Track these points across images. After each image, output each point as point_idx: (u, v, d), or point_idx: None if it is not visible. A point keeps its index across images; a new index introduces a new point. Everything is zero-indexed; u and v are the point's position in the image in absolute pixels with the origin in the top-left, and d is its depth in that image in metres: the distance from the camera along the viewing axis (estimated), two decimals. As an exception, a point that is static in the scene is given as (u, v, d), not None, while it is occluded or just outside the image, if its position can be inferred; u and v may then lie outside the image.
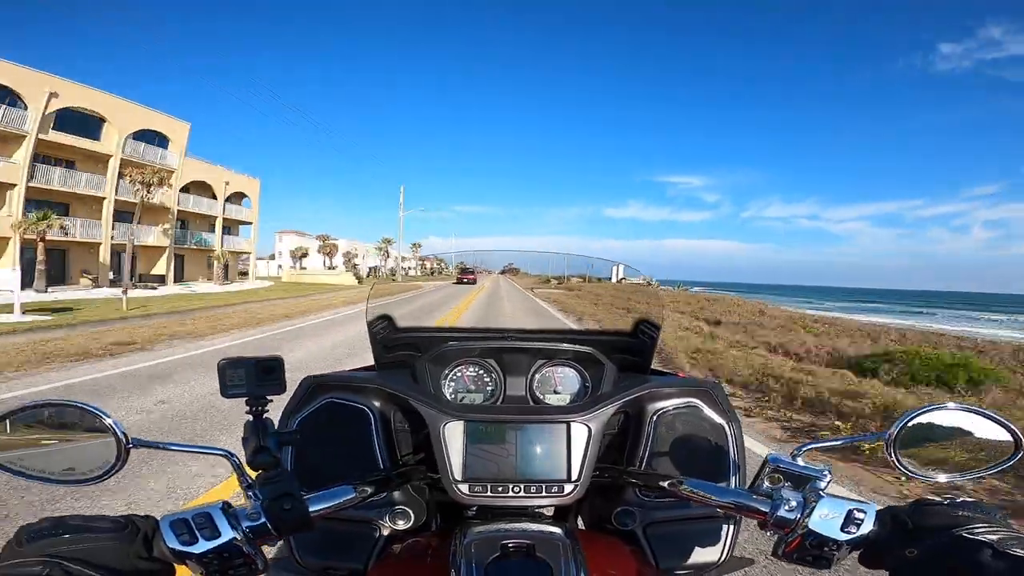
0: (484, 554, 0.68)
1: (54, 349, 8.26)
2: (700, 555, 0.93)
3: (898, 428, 0.70)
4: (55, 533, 0.55)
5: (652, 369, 1.14)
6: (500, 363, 1.09)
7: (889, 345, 11.19)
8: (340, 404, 0.97)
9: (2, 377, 6.43)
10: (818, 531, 0.63)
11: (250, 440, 0.68)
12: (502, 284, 2.58)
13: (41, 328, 10.78)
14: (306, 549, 0.92)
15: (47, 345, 8.63)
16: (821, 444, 0.76)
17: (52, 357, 7.61)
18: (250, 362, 0.71)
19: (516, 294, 2.43)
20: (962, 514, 0.59)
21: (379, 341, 1.12)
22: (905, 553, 0.59)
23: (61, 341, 9.13)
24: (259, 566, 0.63)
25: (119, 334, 10.24)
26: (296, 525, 0.67)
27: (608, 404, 0.89)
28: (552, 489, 0.82)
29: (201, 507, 0.62)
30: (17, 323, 11.11)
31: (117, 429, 0.64)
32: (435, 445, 0.84)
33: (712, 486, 0.77)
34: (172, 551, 0.58)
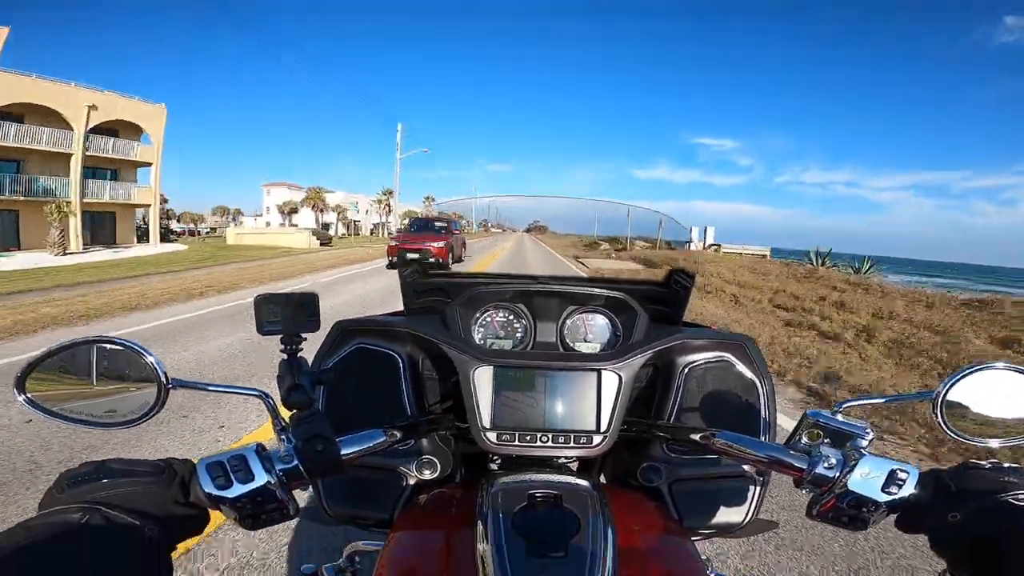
0: (511, 503, 0.68)
1: None
2: (725, 515, 0.93)
3: (945, 388, 0.67)
4: (94, 478, 0.55)
5: (684, 322, 1.12)
6: (530, 308, 1.08)
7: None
8: (370, 349, 0.97)
9: None
10: (857, 491, 0.61)
11: (285, 378, 0.68)
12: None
13: None
14: (334, 498, 0.93)
15: None
16: (864, 401, 0.73)
17: None
18: (285, 298, 0.70)
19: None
20: (1008, 479, 0.56)
21: (409, 286, 1.11)
22: (947, 517, 0.57)
23: None
24: (290, 511, 0.63)
25: None
26: (327, 467, 0.67)
27: (639, 352, 0.87)
28: (580, 440, 0.81)
29: (236, 450, 0.62)
30: None
31: (158, 369, 0.63)
32: (464, 391, 0.84)
33: (748, 439, 0.75)
34: (208, 495, 0.59)
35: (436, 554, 0.73)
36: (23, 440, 3.37)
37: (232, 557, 2.23)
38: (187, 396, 3.97)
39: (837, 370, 5.33)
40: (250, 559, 2.23)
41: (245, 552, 2.27)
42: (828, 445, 0.67)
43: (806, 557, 2.35)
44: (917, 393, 0.70)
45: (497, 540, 0.63)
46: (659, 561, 0.72)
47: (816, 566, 2.30)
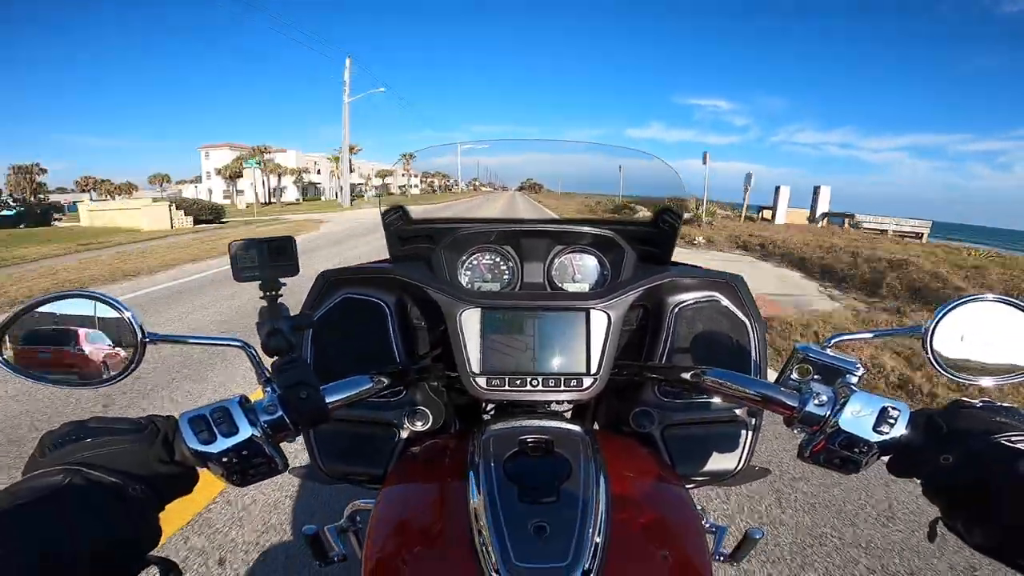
0: (502, 450, 0.68)
1: None
2: (717, 462, 0.93)
3: (934, 322, 0.66)
4: (76, 438, 0.54)
5: (672, 262, 1.10)
6: (517, 249, 1.06)
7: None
8: (356, 299, 0.96)
9: None
10: (848, 430, 0.60)
11: (264, 324, 0.67)
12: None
13: None
14: (328, 455, 0.93)
15: None
16: (854, 336, 0.72)
17: None
18: (260, 242, 0.68)
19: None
20: (1000, 420, 0.55)
21: (393, 233, 1.09)
22: (939, 459, 0.55)
23: None
24: (278, 465, 0.63)
25: None
26: (313, 416, 0.66)
27: (628, 291, 0.86)
28: (571, 383, 0.81)
29: (218, 402, 0.61)
30: None
31: (135, 323, 0.62)
32: (452, 335, 0.83)
33: (738, 376, 0.74)
34: (193, 452, 0.58)
35: (429, 506, 0.73)
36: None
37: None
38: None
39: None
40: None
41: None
42: (818, 381, 0.66)
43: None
44: (907, 328, 0.69)
45: (489, 488, 0.63)
46: (653, 506, 0.72)
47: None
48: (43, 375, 0.64)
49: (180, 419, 0.59)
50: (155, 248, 13.07)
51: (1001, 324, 0.67)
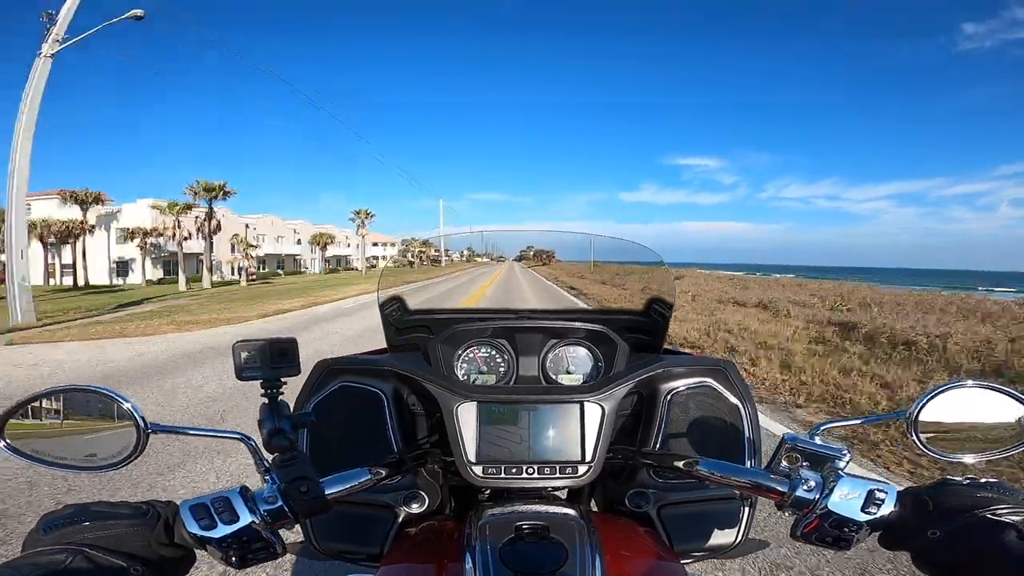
0: (498, 536, 0.68)
1: None
2: (716, 537, 0.93)
3: (917, 407, 0.68)
4: (77, 520, 0.56)
5: (665, 349, 1.13)
6: (512, 343, 1.09)
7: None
8: (353, 387, 0.98)
9: None
10: (837, 512, 0.62)
11: (266, 423, 0.69)
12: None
13: None
14: (323, 534, 0.93)
15: None
16: (840, 423, 0.74)
17: None
18: (265, 344, 0.71)
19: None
20: (984, 495, 0.57)
21: (391, 323, 1.12)
22: (927, 534, 0.58)
23: None
24: (277, 550, 0.64)
25: None
26: (313, 508, 0.67)
27: (621, 383, 0.88)
28: (566, 470, 0.82)
29: (220, 492, 0.63)
30: None
31: (136, 414, 0.64)
32: (448, 427, 0.85)
33: (728, 465, 0.76)
34: (192, 536, 0.59)
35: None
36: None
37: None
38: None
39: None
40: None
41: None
42: (807, 468, 0.68)
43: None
44: (892, 413, 0.72)
45: (485, 573, 0.63)
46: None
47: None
48: (46, 459, 0.66)
49: (181, 506, 0.61)
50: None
51: (979, 406, 0.69)
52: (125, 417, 0.65)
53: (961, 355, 6.90)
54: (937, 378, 5.78)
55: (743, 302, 14.68)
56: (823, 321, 10.28)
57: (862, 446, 3.92)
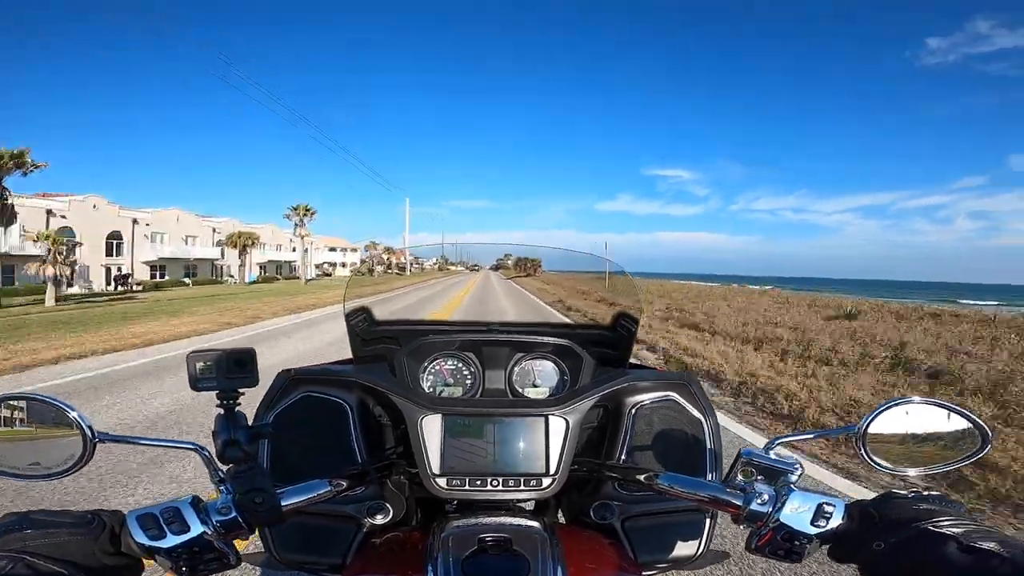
0: (461, 548, 0.68)
1: None
2: (678, 549, 0.94)
3: (866, 422, 0.71)
4: (18, 528, 0.55)
5: (630, 363, 1.15)
6: (479, 356, 1.09)
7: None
8: (317, 398, 0.97)
9: None
10: (789, 524, 0.64)
11: (220, 434, 0.68)
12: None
13: None
14: (284, 544, 0.92)
15: None
16: (793, 437, 0.77)
17: None
18: (221, 355, 0.70)
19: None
20: (927, 507, 0.59)
21: (357, 334, 1.12)
22: (873, 547, 0.59)
23: None
24: (231, 560, 0.63)
25: None
26: (268, 518, 0.66)
27: (586, 397, 0.89)
28: (530, 483, 0.82)
29: (170, 501, 0.62)
30: None
31: (83, 423, 0.63)
32: (412, 439, 0.84)
33: (687, 479, 0.77)
34: (140, 545, 0.58)
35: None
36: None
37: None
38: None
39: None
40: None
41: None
42: (762, 481, 0.70)
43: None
44: (843, 427, 0.74)
45: None
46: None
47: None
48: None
49: (128, 516, 0.60)
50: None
51: (926, 422, 0.72)
52: (71, 426, 0.64)
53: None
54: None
55: (762, 339, 8.82)
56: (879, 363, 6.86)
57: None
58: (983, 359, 6.83)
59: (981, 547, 0.52)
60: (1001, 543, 0.52)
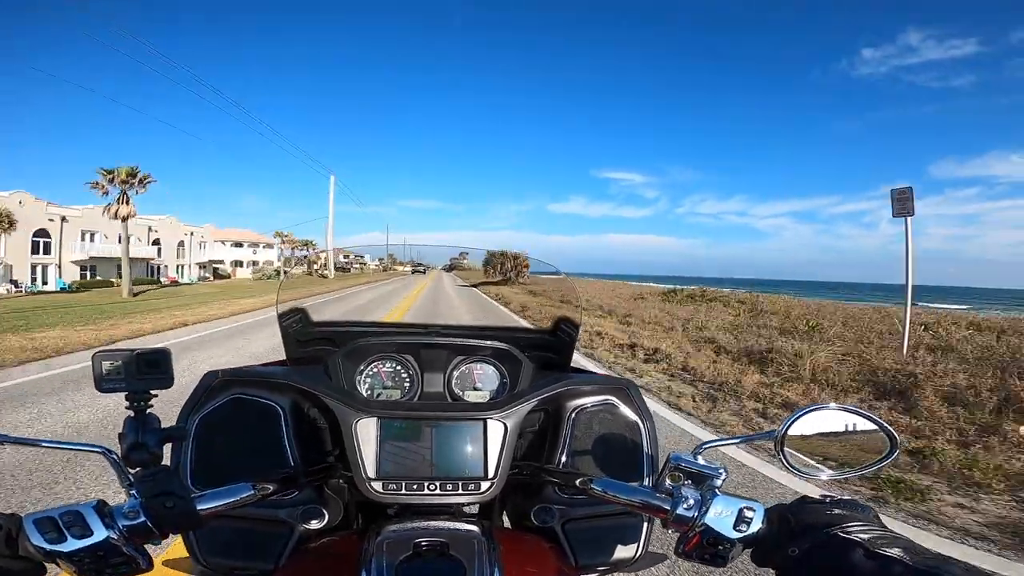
0: (395, 553, 0.68)
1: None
2: (617, 551, 0.96)
3: (785, 427, 0.74)
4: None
5: (572, 367, 1.16)
6: (418, 359, 1.08)
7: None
8: (248, 400, 0.94)
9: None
10: (714, 529, 0.65)
11: (127, 436, 0.65)
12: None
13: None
14: (210, 549, 0.88)
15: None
16: (719, 443, 0.79)
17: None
18: (131, 355, 0.68)
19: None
20: (839, 512, 0.62)
21: (291, 335, 1.09)
22: (788, 552, 0.61)
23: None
24: (141, 564, 0.61)
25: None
26: (181, 523, 0.64)
27: (524, 401, 0.89)
28: (469, 487, 0.82)
29: (71, 505, 0.59)
30: None
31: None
32: (347, 442, 0.83)
33: (619, 484, 0.79)
34: (39, 549, 0.56)
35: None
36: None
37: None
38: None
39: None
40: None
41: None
42: (689, 486, 0.71)
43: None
44: (765, 432, 0.77)
45: None
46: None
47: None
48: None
49: (24, 519, 0.57)
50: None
51: (839, 427, 0.76)
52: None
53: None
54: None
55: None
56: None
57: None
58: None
59: (886, 553, 0.54)
60: (905, 550, 0.54)
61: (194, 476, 0.88)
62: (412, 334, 1.11)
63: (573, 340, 1.12)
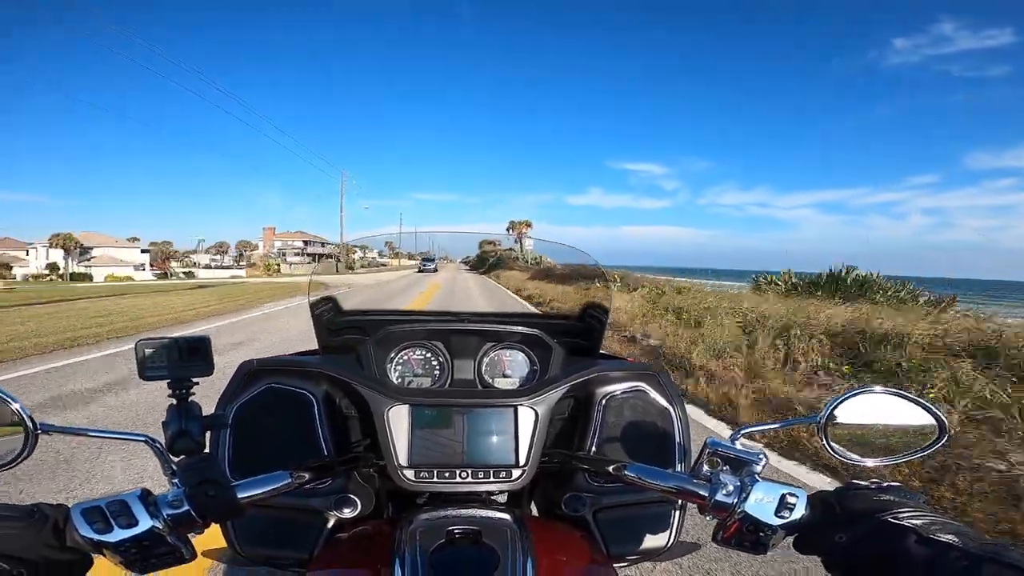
0: (429, 541, 0.68)
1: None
2: (649, 540, 0.95)
3: (828, 411, 0.71)
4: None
5: (601, 353, 1.15)
6: (448, 346, 1.08)
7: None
8: (282, 389, 0.94)
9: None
10: (753, 515, 0.64)
11: (171, 424, 0.66)
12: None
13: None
14: (247, 538, 0.90)
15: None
16: (758, 427, 0.78)
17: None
18: (171, 342, 0.68)
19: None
20: (887, 498, 0.60)
21: (323, 324, 1.10)
22: (835, 539, 0.60)
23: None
24: (184, 554, 0.62)
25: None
26: (223, 512, 0.65)
27: (555, 388, 0.89)
28: (500, 474, 0.82)
29: (117, 494, 0.60)
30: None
31: (24, 414, 0.60)
32: (379, 430, 0.83)
33: (655, 471, 0.77)
34: (86, 539, 0.56)
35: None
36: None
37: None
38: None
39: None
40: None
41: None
42: (727, 472, 0.70)
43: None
44: (806, 417, 0.75)
45: None
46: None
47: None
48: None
49: (72, 509, 0.58)
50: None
51: (886, 412, 0.73)
52: (12, 418, 0.61)
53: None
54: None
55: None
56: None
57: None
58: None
59: (939, 539, 0.53)
60: (958, 534, 0.53)
61: (231, 465, 0.90)
62: (442, 321, 1.11)
63: (603, 326, 1.10)
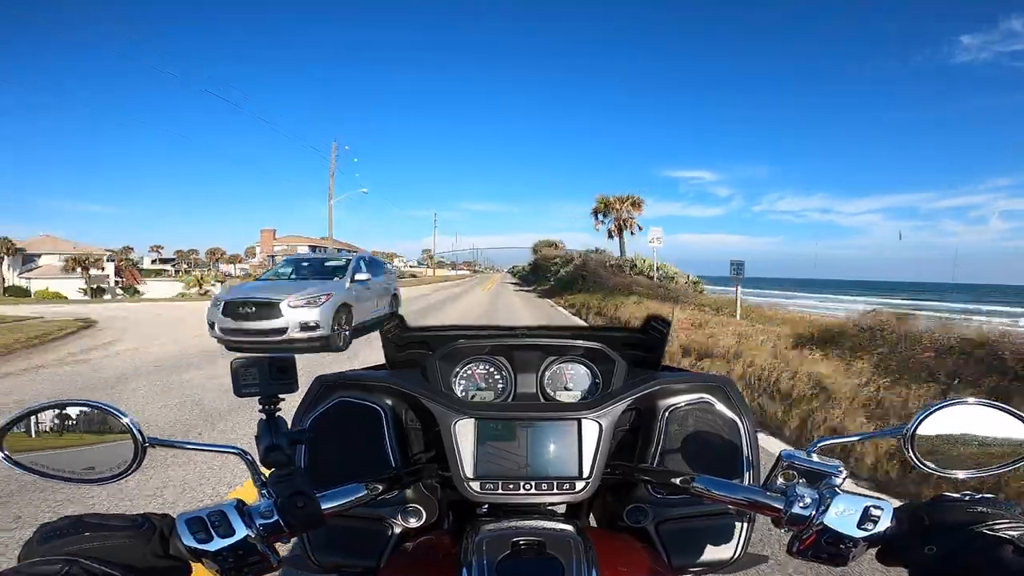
0: (495, 552, 0.68)
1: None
2: (713, 553, 0.93)
3: (915, 423, 0.69)
4: (74, 531, 0.56)
5: (663, 365, 1.14)
6: (510, 360, 1.10)
7: None
8: (352, 403, 0.98)
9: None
10: (834, 528, 0.63)
11: (263, 438, 0.70)
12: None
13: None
14: (320, 548, 0.93)
15: None
16: (837, 440, 0.75)
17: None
18: (264, 362, 0.72)
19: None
20: (981, 510, 0.58)
21: (390, 340, 1.14)
22: (924, 551, 0.58)
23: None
24: (272, 563, 0.65)
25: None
26: (309, 523, 0.68)
27: (619, 400, 0.89)
28: (563, 486, 0.82)
29: (216, 505, 0.63)
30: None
31: (134, 428, 0.65)
32: (446, 443, 0.85)
33: (725, 483, 0.76)
34: (188, 549, 0.60)
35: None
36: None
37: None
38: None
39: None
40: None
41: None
42: (803, 484, 0.68)
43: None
44: (889, 429, 0.72)
45: None
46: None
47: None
48: (45, 471, 0.66)
49: (178, 519, 0.62)
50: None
51: (979, 424, 0.70)
52: (123, 431, 0.66)
53: None
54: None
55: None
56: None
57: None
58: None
59: None
60: None
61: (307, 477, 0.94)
62: (504, 336, 1.13)
63: (665, 338, 1.10)
